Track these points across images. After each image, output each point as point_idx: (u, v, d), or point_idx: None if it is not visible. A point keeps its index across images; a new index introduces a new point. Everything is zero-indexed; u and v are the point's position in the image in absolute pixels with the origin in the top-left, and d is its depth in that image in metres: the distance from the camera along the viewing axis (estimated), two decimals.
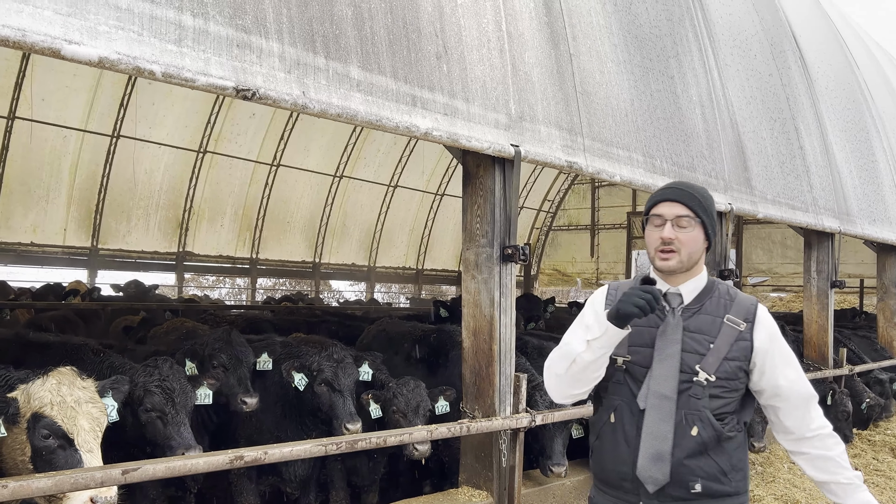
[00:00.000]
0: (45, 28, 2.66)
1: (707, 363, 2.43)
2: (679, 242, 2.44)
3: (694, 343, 2.44)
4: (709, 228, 2.49)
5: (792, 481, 6.31)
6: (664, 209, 2.48)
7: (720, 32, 7.55)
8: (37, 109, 13.20)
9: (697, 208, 2.46)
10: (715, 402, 2.43)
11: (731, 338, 2.45)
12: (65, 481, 2.77)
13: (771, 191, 7.42)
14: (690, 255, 2.46)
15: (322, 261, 19.00)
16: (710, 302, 2.51)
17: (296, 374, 4.66)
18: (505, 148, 4.49)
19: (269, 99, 3.30)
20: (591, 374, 2.49)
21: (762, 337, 2.47)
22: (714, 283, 2.57)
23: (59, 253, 14.71)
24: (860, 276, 18.47)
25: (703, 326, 2.47)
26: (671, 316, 2.48)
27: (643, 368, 2.46)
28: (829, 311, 8.75)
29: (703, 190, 2.55)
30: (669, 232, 2.44)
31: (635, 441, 2.45)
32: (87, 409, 3.13)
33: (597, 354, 2.41)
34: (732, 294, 2.55)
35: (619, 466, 2.49)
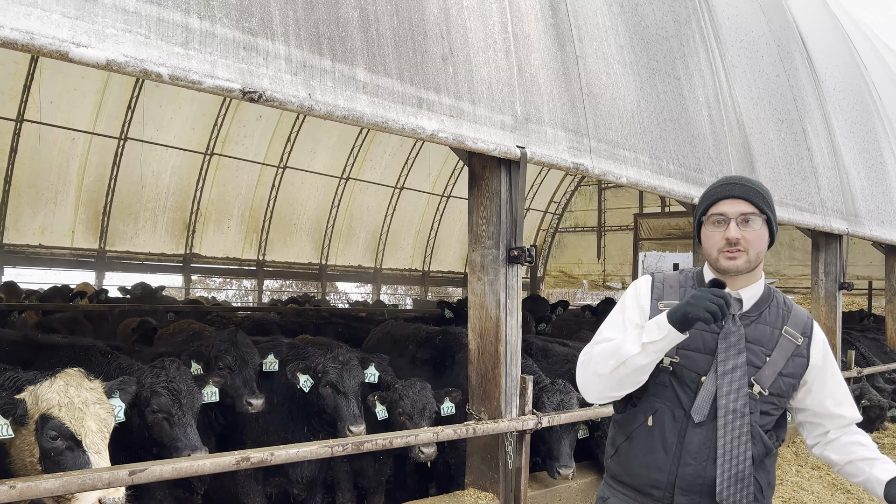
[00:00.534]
0: (53, 31, 2.68)
1: (763, 377, 2.30)
2: (746, 241, 2.29)
3: (752, 356, 2.31)
4: (773, 225, 2.37)
5: (800, 484, 6.28)
6: (726, 207, 2.32)
7: (727, 33, 7.53)
8: (45, 112, 13.29)
9: (762, 204, 2.32)
10: (764, 418, 2.31)
11: (787, 352, 2.33)
12: (72, 482, 2.78)
13: (778, 192, 7.39)
14: (758, 254, 2.33)
15: (328, 262, 19.05)
16: (769, 311, 2.37)
17: (301, 376, 4.66)
18: (511, 149, 4.49)
19: (275, 101, 3.31)
20: (638, 378, 2.32)
21: (818, 355, 2.37)
22: (771, 290, 2.44)
23: (67, 255, 14.79)
24: (868, 277, 18.39)
25: (761, 337, 2.33)
26: (732, 323, 2.31)
27: (693, 373, 2.31)
28: (837, 314, 8.71)
29: (762, 184, 2.40)
30: (735, 231, 2.28)
31: (676, 450, 2.31)
32: (95, 410, 3.13)
33: (651, 358, 2.25)
34: (789, 305, 2.43)
35: (653, 473, 2.34)
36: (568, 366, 5.92)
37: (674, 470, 2.30)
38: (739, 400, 2.25)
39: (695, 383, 2.30)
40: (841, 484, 6.47)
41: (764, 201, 2.33)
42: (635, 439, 2.40)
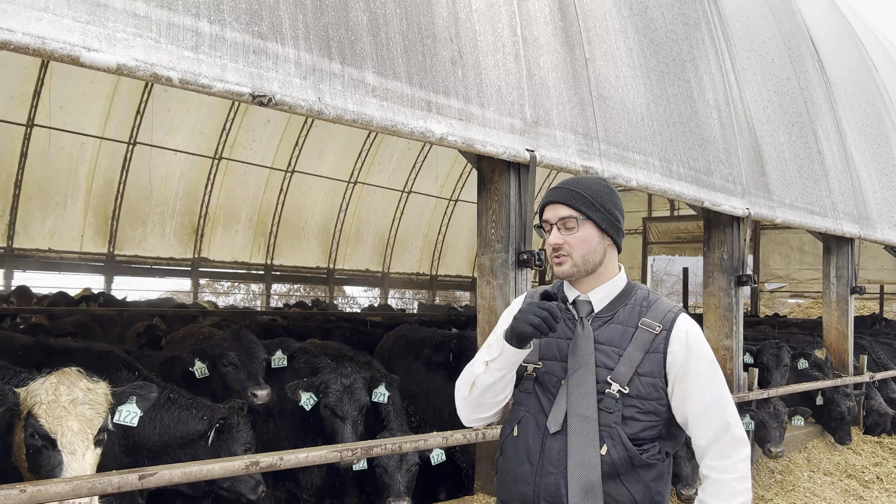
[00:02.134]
0: (64, 35, 2.68)
1: (619, 374, 2.15)
2: (568, 246, 2.20)
3: (604, 357, 2.18)
4: (602, 224, 2.22)
5: (812, 490, 6.23)
6: (549, 213, 2.26)
7: (737, 36, 7.50)
8: (55, 117, 13.36)
9: (581, 205, 2.21)
10: (632, 425, 2.13)
11: (643, 345, 2.16)
12: (82, 486, 2.77)
13: (789, 195, 7.35)
14: (584, 257, 2.21)
15: (336, 267, 19.06)
16: (624, 310, 2.23)
17: (303, 394, 4.57)
18: (520, 153, 4.47)
19: (284, 105, 3.31)
20: (494, 398, 2.26)
21: (678, 349, 2.16)
22: (633, 288, 2.30)
23: (76, 259, 14.85)
24: (880, 281, 18.26)
25: (612, 338, 2.20)
26: (580, 326, 2.22)
27: (554, 378, 2.23)
28: (848, 318, 8.64)
29: (592, 182, 2.27)
30: (556, 237, 2.21)
31: (538, 459, 2.18)
32: (82, 410, 3.05)
33: (495, 377, 2.19)
34: (651, 299, 2.25)
35: (521, 486, 2.20)
36: None
37: (538, 481, 2.17)
38: (587, 405, 2.14)
39: (555, 387, 2.22)
40: (854, 490, 6.41)
41: (585, 202, 2.21)
42: (505, 452, 2.29)
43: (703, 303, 6.81)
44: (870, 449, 7.81)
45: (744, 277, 6.53)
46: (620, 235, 2.30)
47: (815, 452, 7.38)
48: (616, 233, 2.27)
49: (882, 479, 6.84)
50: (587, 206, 2.22)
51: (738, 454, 2.16)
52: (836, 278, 8.65)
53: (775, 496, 5.98)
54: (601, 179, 2.32)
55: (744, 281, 6.53)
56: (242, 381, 4.77)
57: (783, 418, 6.56)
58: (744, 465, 2.17)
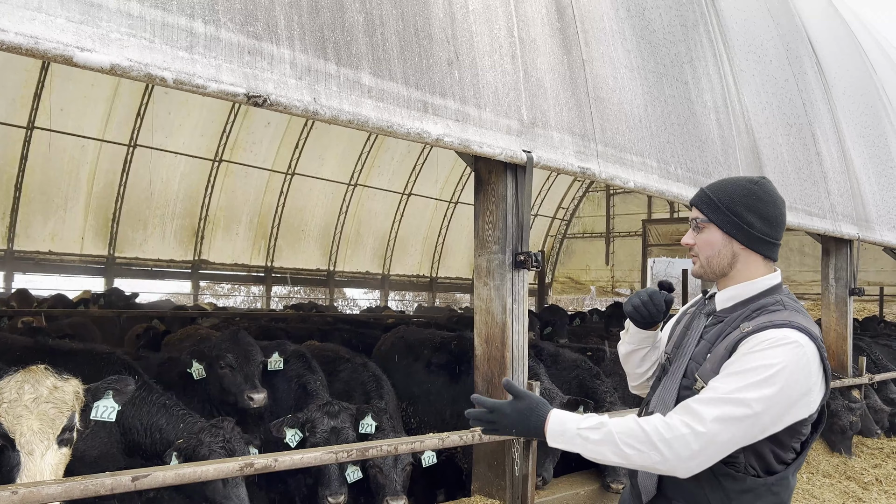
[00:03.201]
0: (57, 35, 2.68)
1: (705, 370, 2.15)
2: (697, 247, 2.33)
3: (701, 351, 2.24)
4: (724, 227, 2.22)
5: (811, 491, 6.21)
6: (691, 214, 2.38)
7: (735, 37, 7.50)
8: (55, 119, 13.37)
9: (705, 208, 2.27)
10: None
11: (730, 345, 2.12)
12: (75, 487, 2.77)
13: (787, 197, 7.33)
14: (709, 259, 2.27)
15: (336, 269, 19.05)
16: (742, 314, 2.19)
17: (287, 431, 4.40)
18: (517, 154, 4.47)
19: (279, 105, 3.31)
20: (635, 370, 2.53)
21: (742, 348, 2.07)
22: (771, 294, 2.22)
23: (77, 261, 14.86)
24: (880, 283, 18.24)
25: (713, 337, 2.23)
26: (697, 320, 2.36)
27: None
28: (847, 319, 8.62)
29: (732, 185, 2.27)
30: (688, 237, 2.34)
31: None
32: (44, 409, 2.97)
33: (628, 349, 2.48)
34: (772, 308, 2.16)
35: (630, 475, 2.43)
36: (576, 371, 5.88)
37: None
38: (669, 394, 2.25)
39: None
40: (853, 492, 6.39)
41: (710, 205, 2.26)
42: None
43: None
44: (869, 451, 7.79)
45: None
46: (753, 240, 2.23)
47: (813, 454, 7.36)
48: (745, 237, 2.22)
49: (881, 481, 6.82)
50: (711, 209, 2.27)
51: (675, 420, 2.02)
52: (835, 280, 8.64)
53: None
54: (750, 182, 2.28)
55: None
56: (239, 383, 4.77)
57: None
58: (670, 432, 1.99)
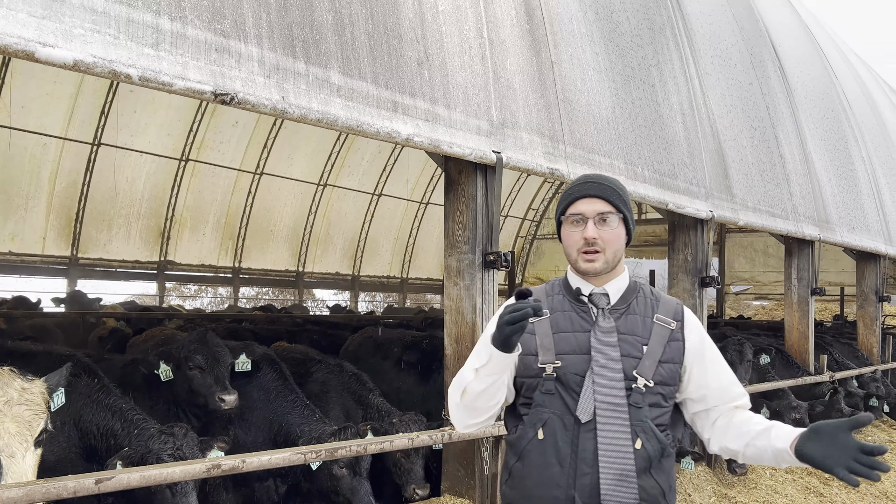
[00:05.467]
0: (18, 30, 2.63)
1: (644, 367, 2.20)
2: (603, 241, 2.25)
3: (627, 346, 2.23)
4: (630, 223, 2.32)
5: (774, 487, 6.33)
6: (584, 206, 2.27)
7: (700, 42, 7.62)
8: (16, 117, 13.06)
9: (619, 202, 2.28)
10: (654, 411, 2.21)
11: (663, 338, 2.26)
12: (36, 490, 2.71)
13: (751, 198, 7.48)
14: (615, 253, 2.28)
15: (306, 270, 18.92)
16: (637, 302, 2.32)
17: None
18: (487, 154, 4.49)
19: (247, 104, 3.28)
20: (487, 403, 2.23)
21: (693, 337, 2.30)
22: (637, 283, 2.39)
23: (38, 262, 14.54)
24: (841, 284, 18.67)
25: (634, 328, 2.26)
26: (602, 317, 2.26)
27: (577, 376, 2.21)
28: (809, 318, 8.82)
29: (619, 182, 2.37)
30: (592, 230, 2.24)
31: (570, 460, 2.16)
32: (19, 411, 2.90)
33: (486, 383, 2.16)
34: (657, 295, 2.37)
35: (551, 490, 2.17)
36: None
37: (571, 483, 2.14)
38: (616, 394, 2.17)
39: (579, 386, 2.20)
40: (814, 488, 6.53)
41: (620, 200, 2.29)
42: (527, 457, 2.24)
43: None
44: None
45: (707, 279, 6.63)
46: (633, 233, 2.40)
47: None
48: (633, 232, 2.38)
49: None
50: (622, 204, 2.29)
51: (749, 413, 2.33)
52: (798, 280, 8.83)
53: (738, 494, 6.07)
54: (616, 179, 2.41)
55: (707, 282, 6.64)
56: (209, 385, 4.71)
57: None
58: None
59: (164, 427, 3.90)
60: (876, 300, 10.76)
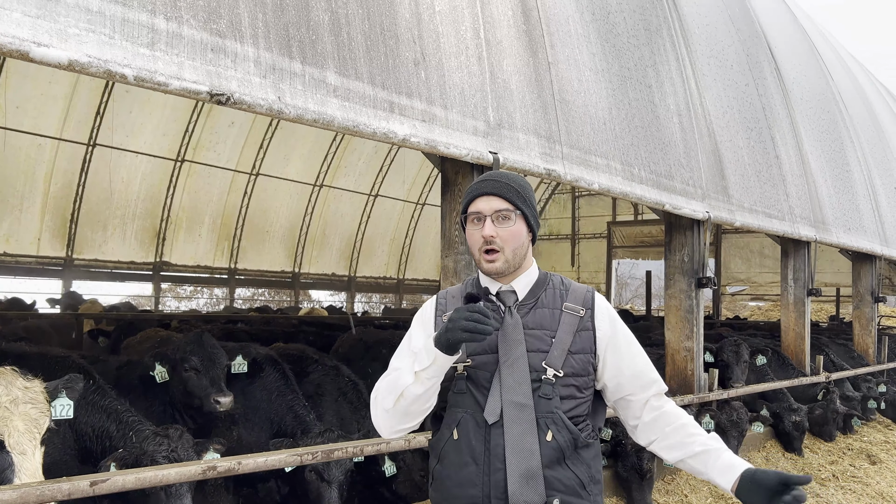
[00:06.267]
0: (12, 30, 2.61)
1: (552, 358, 2.18)
2: (501, 240, 2.21)
3: (535, 340, 2.20)
4: (530, 219, 2.27)
5: None
6: (482, 204, 2.23)
7: (697, 43, 7.63)
8: (11, 117, 13.03)
9: (516, 199, 2.23)
10: (567, 403, 2.18)
11: (572, 327, 2.23)
12: (31, 493, 2.69)
13: (748, 199, 7.49)
14: (515, 251, 2.23)
15: (302, 271, 18.89)
16: (546, 294, 2.28)
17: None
18: (483, 155, 4.48)
19: (243, 104, 3.26)
20: (422, 406, 2.20)
21: (604, 325, 2.28)
22: (547, 275, 2.35)
23: (33, 263, 14.49)
24: (837, 284, 18.71)
25: (542, 321, 2.23)
26: (509, 315, 2.22)
27: (487, 373, 2.19)
28: (805, 319, 8.83)
29: (519, 178, 2.31)
30: (490, 229, 2.20)
31: (484, 457, 2.15)
32: (25, 409, 2.98)
33: (426, 386, 2.13)
34: (567, 284, 2.34)
35: (468, 489, 2.15)
36: None
37: (486, 480, 2.13)
38: (522, 392, 2.15)
39: (489, 383, 2.19)
40: (810, 488, 6.54)
41: (519, 196, 2.24)
42: (445, 458, 2.23)
43: (665, 305, 6.90)
44: (826, 448, 7.98)
45: (704, 279, 6.63)
46: (538, 229, 2.36)
47: (772, 452, 7.52)
48: (537, 227, 2.34)
49: (838, 477, 6.99)
50: (521, 201, 2.24)
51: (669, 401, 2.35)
52: (794, 281, 8.84)
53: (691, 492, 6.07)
54: (521, 176, 2.39)
55: (704, 283, 6.64)
56: (205, 387, 4.68)
57: (744, 427, 6.65)
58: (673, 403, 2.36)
59: (159, 429, 3.88)
60: (872, 301, 10.79)
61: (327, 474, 4.28)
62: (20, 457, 2.87)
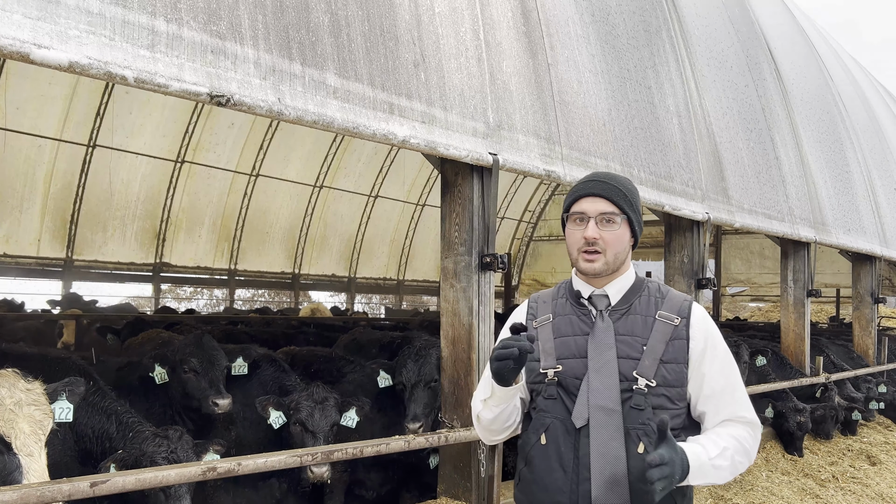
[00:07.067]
0: (13, 32, 2.62)
1: (644, 367, 2.14)
2: (604, 242, 2.19)
3: (626, 347, 2.18)
4: (635, 224, 2.25)
5: (770, 489, 6.34)
6: (587, 205, 2.22)
7: (696, 44, 7.64)
8: (11, 118, 13.02)
9: (623, 203, 2.21)
10: (660, 413, 2.12)
11: (665, 336, 2.18)
12: (31, 494, 2.69)
13: (747, 200, 7.49)
14: (616, 255, 2.22)
15: (301, 272, 18.87)
16: (640, 301, 2.25)
17: (273, 412, 4.47)
18: (483, 156, 4.48)
19: (243, 105, 3.27)
20: (503, 426, 2.29)
21: (698, 336, 2.20)
22: (643, 281, 2.32)
23: (33, 264, 14.47)
24: (836, 285, 18.70)
25: (633, 328, 2.20)
26: (600, 320, 2.22)
27: (577, 380, 2.18)
28: (805, 320, 8.83)
29: (627, 181, 2.29)
30: (593, 231, 2.19)
31: (573, 465, 2.13)
32: (29, 411, 2.99)
33: (494, 413, 2.23)
34: (664, 291, 2.29)
35: (555, 496, 2.15)
36: None
37: (574, 488, 2.12)
38: (610, 397, 2.12)
39: (578, 389, 2.18)
40: (810, 489, 6.54)
41: (626, 200, 2.22)
42: (532, 462, 2.23)
43: None
44: (826, 448, 7.98)
45: (703, 280, 6.64)
46: (640, 234, 2.34)
47: (773, 452, 7.52)
48: (640, 233, 2.31)
49: (837, 478, 7.00)
50: (627, 205, 2.23)
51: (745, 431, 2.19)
52: (794, 282, 8.84)
53: (735, 496, 6.07)
54: (629, 179, 2.34)
55: (703, 284, 6.64)
56: (203, 388, 4.68)
57: None
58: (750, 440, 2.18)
59: (159, 430, 3.88)
60: (871, 302, 10.79)
61: (311, 424, 4.39)
62: (27, 458, 2.89)
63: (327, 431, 4.49)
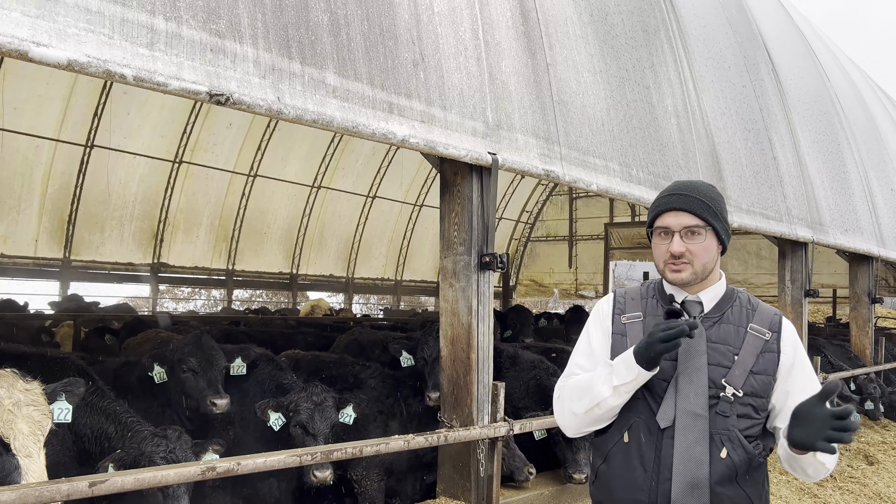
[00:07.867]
0: (12, 30, 2.61)
1: (733, 377, 2.19)
2: (691, 254, 2.21)
3: (718, 355, 2.21)
4: (722, 233, 2.26)
5: None
6: (670, 219, 2.24)
7: (695, 44, 7.64)
8: (8, 118, 12.99)
9: (706, 214, 2.22)
10: (743, 422, 2.18)
11: (756, 349, 2.22)
12: (29, 494, 2.68)
13: (745, 200, 7.50)
14: (705, 265, 2.24)
15: (299, 272, 18.86)
16: (732, 311, 2.28)
17: (272, 414, 4.48)
18: (482, 156, 4.48)
19: (242, 104, 3.27)
20: (612, 414, 2.29)
21: (788, 349, 2.25)
22: (734, 291, 2.35)
23: (31, 264, 14.44)
24: (833, 286, 18.74)
25: (726, 337, 2.24)
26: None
27: (663, 382, 2.22)
28: (803, 320, 8.84)
29: (709, 189, 2.29)
30: (679, 245, 2.21)
31: (654, 465, 2.18)
32: (28, 412, 2.98)
33: (624, 399, 2.21)
34: (754, 303, 2.33)
35: (634, 494, 2.20)
36: (534, 372, 5.94)
37: (654, 487, 2.17)
38: (698, 403, 2.16)
39: (663, 391, 2.22)
40: (808, 489, 6.54)
41: (710, 211, 2.23)
42: (612, 459, 2.28)
43: None
44: None
45: None
46: (728, 241, 2.34)
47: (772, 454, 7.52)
48: (728, 240, 2.32)
49: (835, 478, 7.00)
50: (712, 216, 2.24)
51: None
52: (791, 282, 8.85)
53: None
54: (712, 186, 2.35)
55: None
56: (202, 388, 4.68)
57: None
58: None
59: (158, 430, 3.88)
60: (868, 302, 10.80)
61: (312, 427, 4.40)
62: (26, 459, 2.87)
63: (327, 433, 4.48)
